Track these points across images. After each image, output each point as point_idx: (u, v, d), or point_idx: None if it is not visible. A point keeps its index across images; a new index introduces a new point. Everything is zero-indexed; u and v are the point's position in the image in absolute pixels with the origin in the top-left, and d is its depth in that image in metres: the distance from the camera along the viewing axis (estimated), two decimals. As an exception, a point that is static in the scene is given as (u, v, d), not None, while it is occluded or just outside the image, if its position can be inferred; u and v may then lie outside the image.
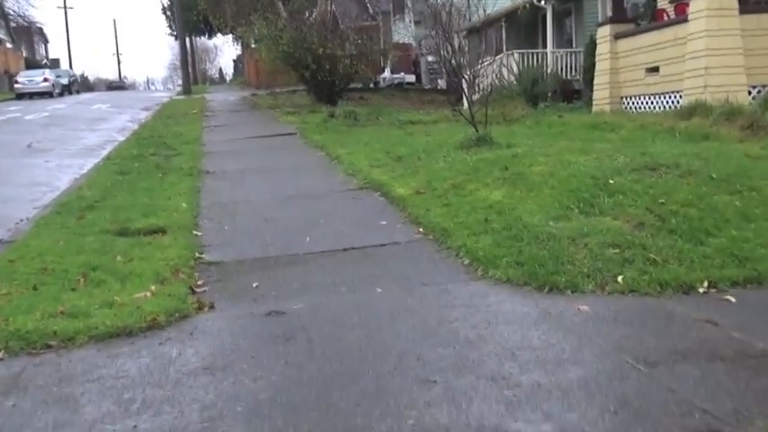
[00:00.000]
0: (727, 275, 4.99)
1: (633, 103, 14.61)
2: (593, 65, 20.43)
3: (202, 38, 66.86)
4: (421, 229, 6.78)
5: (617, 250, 5.38)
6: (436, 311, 4.67)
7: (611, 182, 6.69)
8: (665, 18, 14.64)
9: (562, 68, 22.79)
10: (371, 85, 34.18)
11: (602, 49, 15.14)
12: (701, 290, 4.86)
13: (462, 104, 25.04)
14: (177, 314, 4.73)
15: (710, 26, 11.87)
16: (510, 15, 25.89)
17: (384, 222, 7.26)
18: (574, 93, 21.09)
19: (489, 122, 15.36)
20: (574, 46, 23.89)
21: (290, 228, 7.32)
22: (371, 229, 7.09)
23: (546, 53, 23.39)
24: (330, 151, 12.45)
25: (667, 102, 13.39)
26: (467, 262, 5.68)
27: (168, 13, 58.69)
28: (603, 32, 15.20)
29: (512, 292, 4.98)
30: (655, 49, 13.64)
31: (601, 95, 15.30)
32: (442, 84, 34.48)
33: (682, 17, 12.97)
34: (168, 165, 11.80)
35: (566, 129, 12.33)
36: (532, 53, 23.83)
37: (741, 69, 11.89)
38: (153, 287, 5.26)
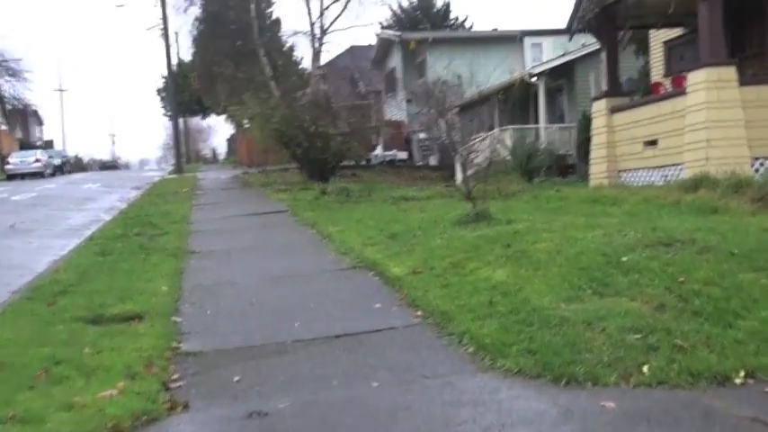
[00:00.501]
0: (765, 363, 4.44)
1: (631, 177, 14.27)
2: (587, 139, 20.27)
3: (196, 118, 67.40)
4: (419, 313, 6.23)
5: (638, 335, 4.84)
6: (440, 410, 4.09)
7: (625, 259, 6.19)
8: (662, 91, 14.45)
9: (555, 143, 22.67)
10: (364, 163, 34.06)
11: (599, 122, 14.91)
12: (737, 380, 4.30)
13: (455, 180, 24.85)
14: (145, 417, 4.14)
15: (710, 98, 11.61)
16: (502, 92, 25.92)
17: (379, 305, 6.72)
18: (568, 167, 20.89)
19: (486, 198, 15.04)
20: (566, 121, 23.84)
21: (278, 312, 6.77)
22: (366, 312, 6.55)
23: (539, 128, 23.31)
24: (321, 229, 11.98)
25: (668, 175, 13.04)
26: (472, 350, 5.12)
27: (163, 94, 59.25)
28: (599, 106, 14.99)
29: (525, 385, 4.41)
30: (652, 123, 13.38)
31: (598, 169, 14.98)
32: (434, 160, 34.43)
33: (679, 90, 12.76)
34: (152, 245, 11.28)
35: (565, 203, 11.93)
36: (525, 129, 23.75)
37: (743, 141, 11.59)
38: (121, 384, 4.68)
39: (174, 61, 49.05)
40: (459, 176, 24.19)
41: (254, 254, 10.38)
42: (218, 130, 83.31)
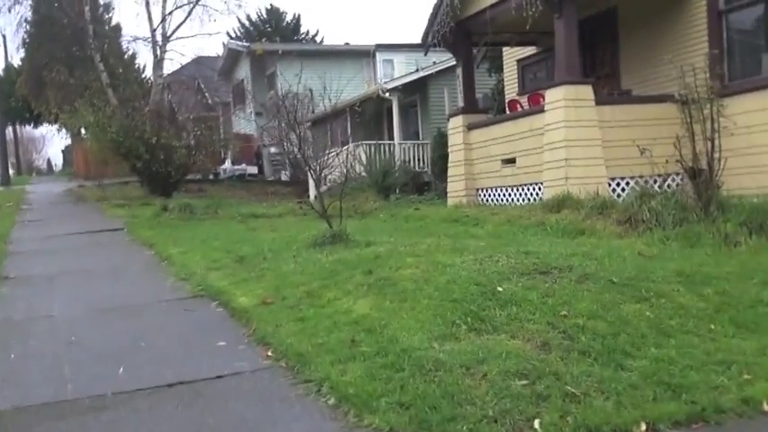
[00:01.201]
0: (665, 412, 3.91)
1: (490, 196, 13.99)
2: (442, 156, 20.09)
3: (28, 127, 62.84)
4: (270, 353, 5.35)
5: (525, 381, 4.20)
6: (298, 493, 3.25)
7: (500, 289, 5.59)
8: (519, 109, 14.30)
9: (410, 160, 22.38)
10: (211, 177, 32.61)
11: (455, 140, 14.57)
12: (639, 434, 3.76)
13: (308, 196, 24.05)
14: None
15: (569, 116, 11.45)
16: (356, 106, 25.41)
17: (223, 343, 5.78)
18: (424, 184, 20.62)
19: (342, 216, 14.31)
20: (420, 138, 23.64)
21: (101, 354, 5.67)
22: (207, 352, 5.58)
23: (393, 145, 22.94)
24: (160, 250, 10.80)
25: (527, 194, 12.83)
26: (333, 402, 4.31)
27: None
28: (456, 123, 14.66)
29: (399, 450, 3.65)
30: (510, 140, 13.15)
31: (456, 187, 14.63)
32: (285, 176, 33.46)
33: (537, 107, 12.57)
34: (-44, 270, 9.73)
35: (425, 223, 11.39)
36: (380, 144, 23.32)
37: (601, 161, 11.50)
38: None
39: (2, 66, 45.61)
40: (312, 192, 23.43)
41: (80, 279, 9.09)
42: (53, 140, 78.36)
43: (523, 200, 12.87)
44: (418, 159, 22.53)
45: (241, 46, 37.16)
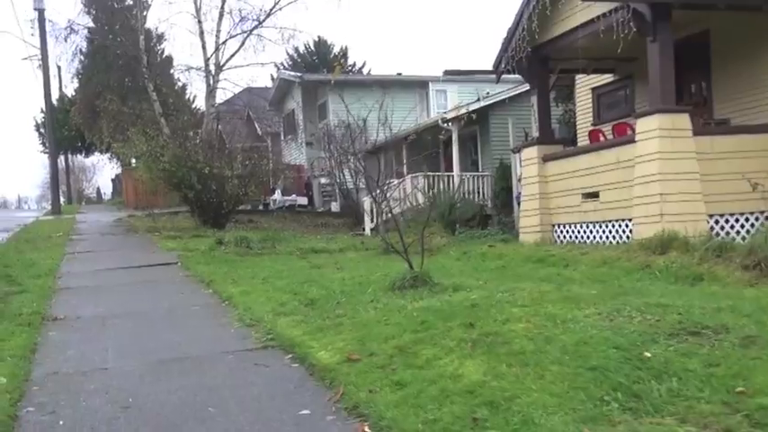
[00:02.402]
0: None
1: (569, 232, 12.95)
2: (504, 189, 19.15)
3: (79, 156, 63.47)
4: (368, 429, 4.41)
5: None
6: None
7: (648, 355, 4.57)
8: (602, 139, 13.28)
9: (469, 192, 21.42)
10: (261, 208, 32.04)
11: (530, 172, 13.58)
12: None
13: (363, 229, 23.21)
14: None
15: (664, 147, 10.42)
16: (413, 136, 24.58)
17: (307, 411, 4.85)
18: (486, 218, 19.62)
19: (410, 253, 13.38)
20: (480, 169, 22.68)
21: (163, 423, 4.78)
22: (289, 423, 4.67)
23: (452, 176, 22.02)
24: (220, 289, 9.96)
25: (612, 231, 11.77)
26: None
27: (42, 130, 55.23)
28: (530, 154, 13.69)
29: None
30: (593, 173, 12.14)
31: (529, 223, 13.61)
32: (335, 207, 32.73)
33: (625, 138, 11.55)
34: (2, 309, 8.95)
35: (506, 263, 10.39)
36: (438, 176, 22.43)
37: (699, 197, 10.44)
38: None
39: (56, 96, 45.92)
40: (367, 225, 22.61)
41: (134, 323, 8.26)
42: (103, 170, 79.15)
43: (608, 238, 11.81)
44: (478, 191, 21.56)
45: (293, 76, 36.73)
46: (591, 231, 12.37)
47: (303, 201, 33.81)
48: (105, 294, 10.45)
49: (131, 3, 33.52)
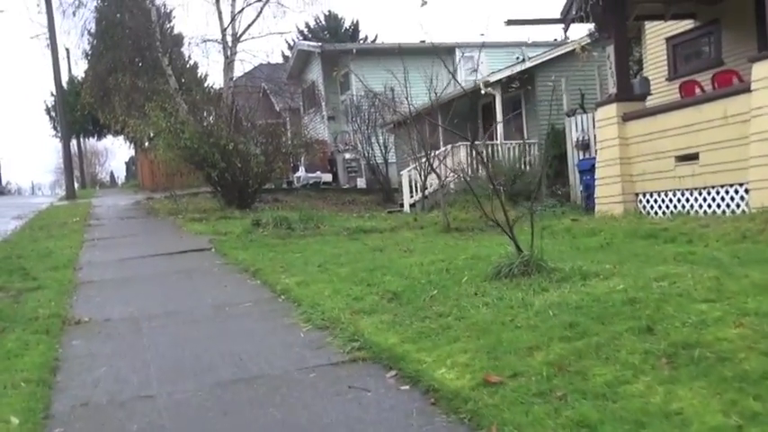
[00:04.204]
0: None
1: (656, 202, 11.30)
2: (557, 157, 17.47)
3: (91, 139, 62.06)
4: None
5: None
6: None
7: None
8: (699, 92, 11.57)
9: (516, 162, 19.74)
10: (285, 186, 30.51)
11: (607, 134, 11.88)
12: None
13: (401, 205, 21.59)
14: None
15: (790, 95, 8.72)
16: (445, 106, 22.87)
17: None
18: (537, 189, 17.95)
19: (469, 230, 11.80)
20: (526, 136, 20.97)
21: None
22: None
23: (496, 145, 20.34)
24: (270, 279, 8.39)
25: (716, 199, 10.11)
26: None
27: (53, 113, 53.70)
28: (607, 113, 11.98)
29: None
30: (690, 132, 10.46)
31: (608, 192, 11.95)
32: (361, 183, 31.16)
33: (734, 88, 9.85)
34: (15, 310, 7.43)
35: (608, 240, 8.74)
36: (482, 145, 20.73)
37: (835, 154, 8.74)
38: None
39: (66, 78, 44.43)
40: (406, 200, 20.97)
41: (175, 326, 6.71)
42: (116, 153, 77.88)
43: (710, 207, 10.15)
44: (524, 161, 19.87)
45: (312, 46, 35.01)
46: (687, 200, 10.71)
47: (328, 177, 32.23)
48: (135, 288, 8.92)
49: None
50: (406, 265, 8.08)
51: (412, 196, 20.51)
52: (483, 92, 20.54)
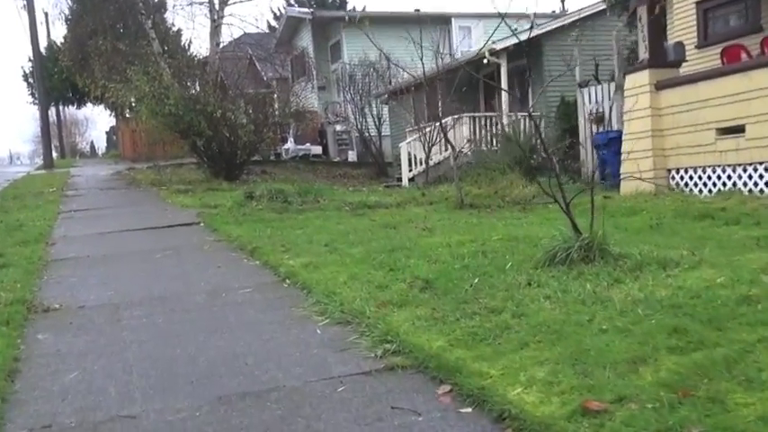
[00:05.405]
0: None
1: (692, 179, 10.30)
2: (567, 131, 16.49)
3: (71, 108, 60.30)
4: None
5: None
6: None
7: None
8: (745, 57, 10.53)
9: (520, 135, 18.65)
10: (272, 158, 29.30)
11: (638, 103, 10.81)
12: None
13: (399, 180, 20.48)
14: None
15: None
16: (446, 76, 21.68)
17: None
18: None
19: (485, 206, 10.73)
20: (531, 108, 19.86)
21: None
22: None
23: (501, 117, 19.26)
24: (271, 260, 7.28)
25: (765, 176, 9.10)
26: None
27: (30, 80, 51.84)
28: (637, 81, 10.93)
29: None
30: (735, 101, 9.43)
31: (636, 167, 10.91)
32: (352, 156, 30.04)
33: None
34: (-29, 296, 6.31)
35: (656, 220, 7.69)
36: (483, 117, 19.70)
37: None
38: None
39: (44, 44, 42.69)
40: (405, 174, 19.86)
41: (163, 316, 5.60)
42: (96, 122, 75.94)
43: (756, 185, 9.15)
44: (531, 134, 18.78)
45: (303, 13, 33.64)
46: (729, 177, 9.71)
47: (317, 150, 31.03)
48: (114, 268, 7.81)
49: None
50: (429, 245, 7.01)
51: (411, 170, 19.42)
52: (487, 61, 19.49)
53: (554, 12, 31.33)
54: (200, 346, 4.73)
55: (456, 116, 19.09)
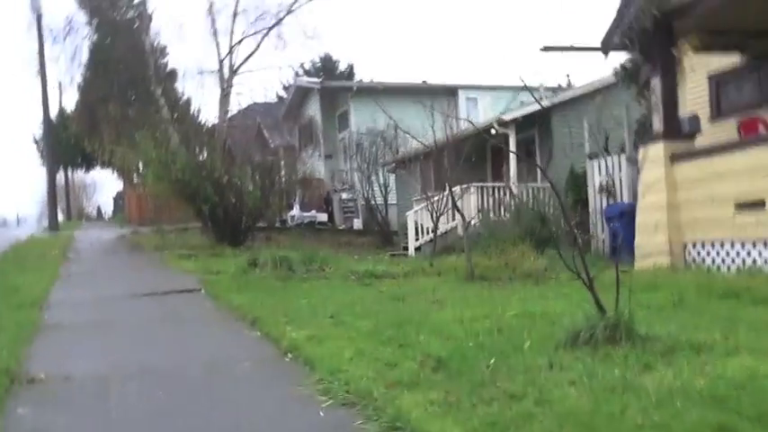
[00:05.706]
0: None
1: (710, 254, 9.96)
2: (577, 201, 16.22)
3: (79, 171, 60.79)
4: None
5: None
6: None
7: None
8: (762, 129, 10.32)
9: (543, 205, 18.40)
10: (278, 225, 29.06)
11: (653, 175, 10.54)
12: None
13: (405, 248, 20.15)
14: None
15: None
16: (454, 146, 21.58)
17: None
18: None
19: (496, 279, 10.37)
20: (540, 179, 19.68)
21: None
22: None
23: (510, 186, 19.04)
24: (273, 332, 6.89)
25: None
26: None
27: (40, 144, 52.25)
28: (653, 153, 10.69)
29: None
30: (754, 175, 9.16)
31: (652, 242, 10.60)
32: (358, 224, 29.79)
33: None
34: (-46, 364, 5.93)
35: (677, 297, 7.29)
36: (491, 188, 19.49)
37: None
38: None
39: (56, 110, 43.17)
40: (411, 244, 19.54)
41: (156, 393, 5.19)
42: (104, 187, 76.14)
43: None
44: (540, 205, 18.53)
45: (311, 82, 33.85)
46: (749, 253, 9.37)
47: (323, 217, 30.82)
48: (109, 336, 7.44)
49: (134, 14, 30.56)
50: (441, 320, 6.64)
51: (417, 239, 19.11)
52: (495, 132, 19.40)
53: (560, 86, 31.49)
54: (194, 428, 4.33)
55: (464, 185, 18.88)
